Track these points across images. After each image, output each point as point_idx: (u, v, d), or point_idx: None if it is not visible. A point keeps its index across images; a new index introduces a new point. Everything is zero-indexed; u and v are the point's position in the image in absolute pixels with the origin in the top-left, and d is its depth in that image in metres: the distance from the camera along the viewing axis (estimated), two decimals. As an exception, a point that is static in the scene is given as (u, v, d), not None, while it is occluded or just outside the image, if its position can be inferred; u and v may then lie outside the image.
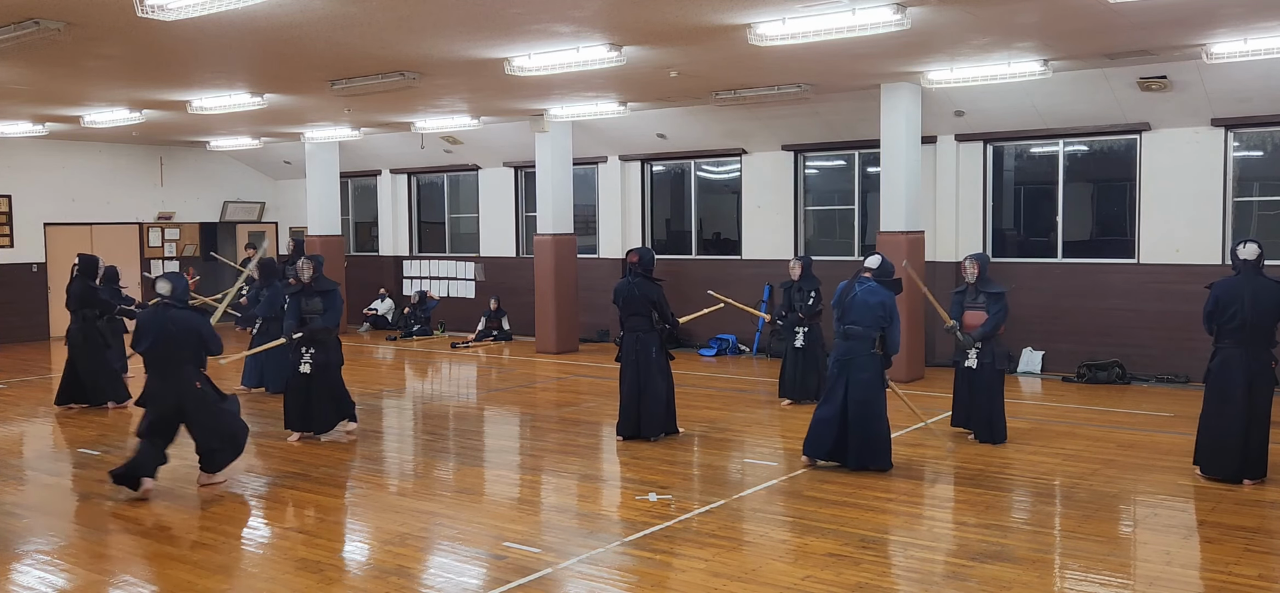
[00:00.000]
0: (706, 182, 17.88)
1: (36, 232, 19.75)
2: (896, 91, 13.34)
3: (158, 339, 8.24)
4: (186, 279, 8.63)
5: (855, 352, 8.68)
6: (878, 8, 8.54)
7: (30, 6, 8.23)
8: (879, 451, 8.75)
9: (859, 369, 8.66)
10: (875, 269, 8.83)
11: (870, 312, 8.61)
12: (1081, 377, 13.42)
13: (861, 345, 8.66)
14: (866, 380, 8.66)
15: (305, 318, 10.28)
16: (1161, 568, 6.36)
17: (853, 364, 8.68)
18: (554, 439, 10.45)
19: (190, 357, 8.34)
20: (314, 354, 10.20)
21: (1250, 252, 8.26)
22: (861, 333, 8.65)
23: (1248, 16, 9.31)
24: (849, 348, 8.71)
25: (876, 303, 8.63)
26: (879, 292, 8.69)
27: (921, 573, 6.32)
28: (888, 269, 8.90)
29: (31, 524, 7.66)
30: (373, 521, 7.68)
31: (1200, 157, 13.01)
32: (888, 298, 8.69)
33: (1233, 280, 8.30)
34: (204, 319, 8.57)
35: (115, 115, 15.58)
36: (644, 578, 6.29)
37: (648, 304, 9.96)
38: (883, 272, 8.84)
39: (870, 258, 8.98)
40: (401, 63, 11.10)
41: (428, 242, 21.63)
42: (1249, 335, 8.16)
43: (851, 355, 8.69)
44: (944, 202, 14.78)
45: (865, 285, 8.75)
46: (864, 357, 8.65)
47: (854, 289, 8.79)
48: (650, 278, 10.06)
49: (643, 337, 9.97)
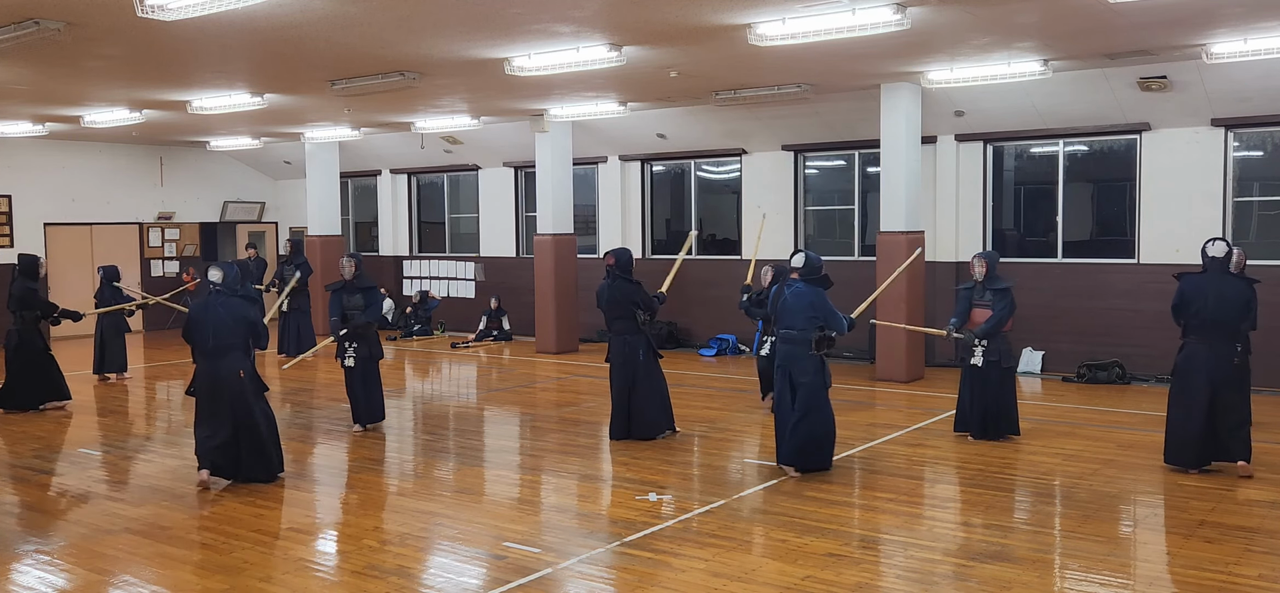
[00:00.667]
0: (706, 181, 17.88)
1: (36, 232, 19.75)
2: (896, 91, 13.35)
3: (210, 328, 8.38)
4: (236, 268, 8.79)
5: (795, 355, 8.57)
6: (878, 8, 8.54)
7: (30, 6, 8.23)
8: (824, 451, 8.69)
9: (801, 372, 8.53)
10: (801, 269, 8.69)
11: (802, 313, 8.53)
12: (1081, 377, 13.42)
13: (800, 348, 8.55)
14: (809, 383, 8.52)
15: (347, 314, 10.65)
16: (1161, 568, 6.36)
17: (794, 367, 8.57)
18: (554, 439, 10.45)
19: (240, 344, 8.48)
20: (357, 349, 10.63)
21: (1219, 250, 8.49)
22: (798, 335, 8.56)
23: (1248, 16, 9.31)
24: (789, 352, 8.61)
25: (807, 304, 8.53)
26: (808, 292, 8.58)
27: (921, 573, 6.31)
28: (814, 266, 8.72)
29: (31, 524, 7.67)
30: (373, 521, 7.68)
31: (1200, 157, 13.01)
32: (817, 296, 8.57)
33: (1200, 277, 8.52)
34: (256, 308, 8.77)
35: (115, 115, 15.58)
36: (644, 578, 6.29)
37: (630, 305, 9.98)
38: (809, 270, 8.69)
39: (794, 257, 8.83)
40: (401, 63, 11.10)
41: (428, 242, 21.64)
42: (1212, 331, 8.36)
43: (792, 359, 8.59)
44: (944, 202, 14.79)
45: (794, 287, 8.66)
46: (804, 359, 8.53)
47: (784, 293, 8.71)
48: (629, 279, 10.07)
49: (629, 339, 9.99)
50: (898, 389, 12.90)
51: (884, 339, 13.66)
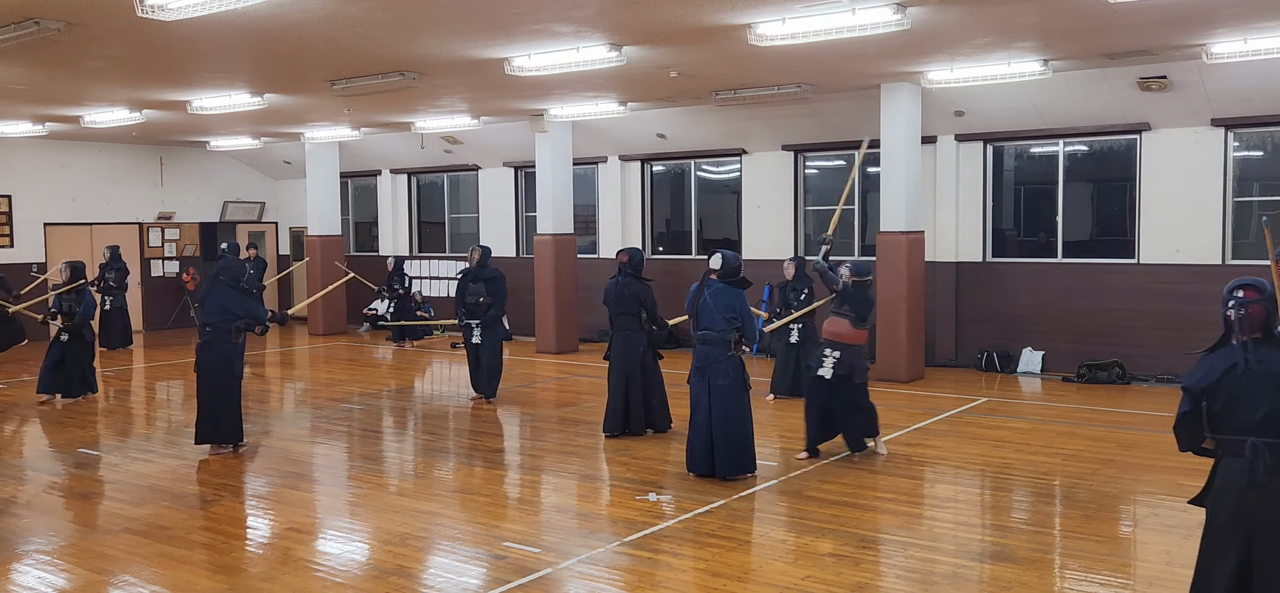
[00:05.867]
0: (706, 182, 17.88)
1: (36, 232, 19.75)
2: (896, 91, 13.34)
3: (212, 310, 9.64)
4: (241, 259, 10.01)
5: (712, 357, 8.35)
6: (878, 8, 8.54)
7: (30, 6, 8.23)
8: (745, 457, 8.45)
9: (718, 374, 8.32)
10: (720, 269, 8.44)
11: (720, 314, 8.33)
12: (1081, 377, 13.41)
13: (718, 350, 8.34)
14: (726, 386, 8.32)
15: (469, 300, 12.14)
16: (1161, 568, 6.35)
17: (711, 370, 8.34)
18: (554, 439, 10.45)
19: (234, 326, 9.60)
20: (482, 329, 12.10)
21: None
22: (716, 337, 8.35)
23: (1248, 16, 9.31)
24: (706, 353, 8.39)
25: (726, 305, 8.34)
26: (728, 293, 8.38)
27: (921, 573, 6.31)
28: (733, 267, 8.48)
29: (31, 524, 7.67)
30: (373, 521, 7.68)
31: (1200, 156, 13.00)
32: (736, 298, 8.38)
33: None
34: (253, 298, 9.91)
35: (115, 115, 15.58)
36: (644, 578, 6.29)
37: (636, 303, 10.01)
38: (728, 271, 8.46)
39: (713, 258, 8.52)
40: (401, 63, 11.10)
41: (428, 242, 21.63)
42: None
43: (708, 361, 8.37)
44: (944, 202, 14.78)
45: (713, 288, 8.43)
46: (722, 361, 8.32)
47: (703, 293, 8.49)
48: (640, 278, 10.09)
49: (631, 336, 10.04)
50: (898, 389, 12.90)
51: (884, 339, 13.65)
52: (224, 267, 9.90)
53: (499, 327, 12.35)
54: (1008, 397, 12.52)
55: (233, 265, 9.99)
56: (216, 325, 9.55)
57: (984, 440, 9.94)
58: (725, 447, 8.35)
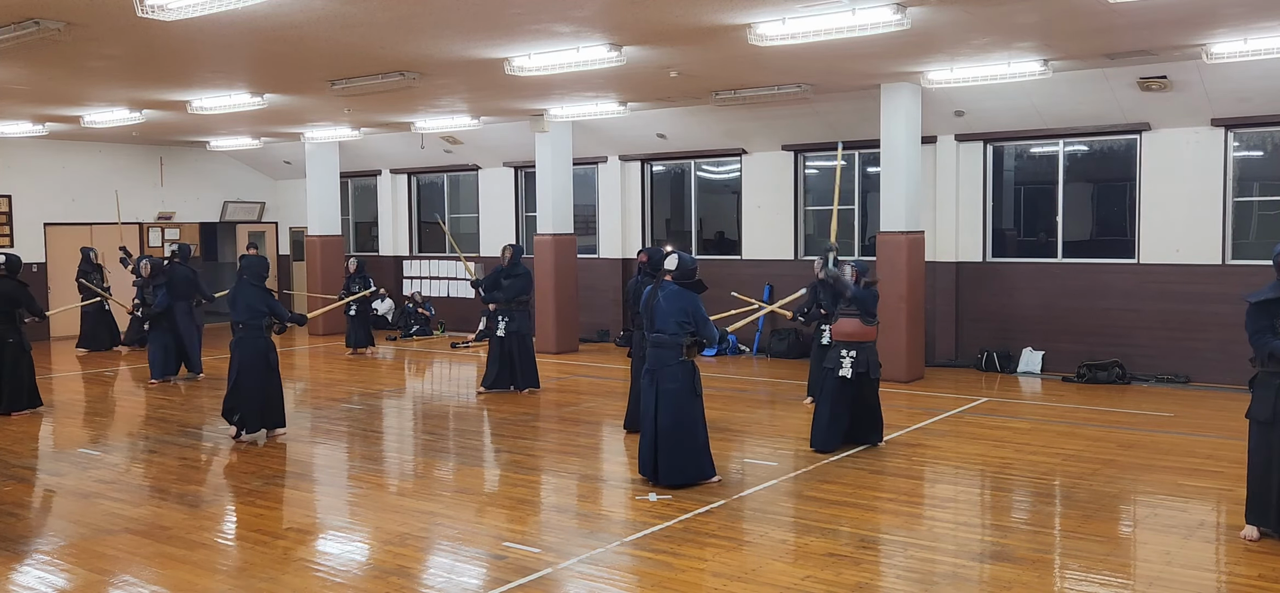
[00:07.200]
0: (706, 181, 17.88)
1: (36, 231, 19.75)
2: (896, 91, 13.35)
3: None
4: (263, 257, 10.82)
5: (664, 360, 8.16)
6: (878, 8, 8.54)
7: (30, 6, 8.23)
8: (700, 463, 8.30)
9: (668, 379, 8.14)
10: (674, 271, 8.24)
11: (674, 317, 8.13)
12: (1081, 377, 13.41)
13: (670, 353, 8.14)
14: (675, 391, 8.13)
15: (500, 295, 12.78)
16: (1161, 568, 6.35)
17: (661, 374, 8.17)
18: (554, 439, 10.45)
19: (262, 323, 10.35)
20: (508, 322, 12.75)
21: None
22: (669, 341, 8.14)
23: (1248, 16, 9.31)
24: (657, 357, 8.20)
25: (679, 308, 8.13)
26: (682, 296, 8.17)
27: (921, 573, 6.31)
28: (688, 269, 8.26)
29: (31, 524, 7.67)
30: (373, 521, 7.68)
31: (1200, 156, 13.01)
32: (690, 301, 8.17)
33: None
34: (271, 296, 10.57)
35: (115, 115, 15.58)
36: (644, 578, 6.29)
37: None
38: (683, 273, 8.24)
39: (668, 259, 8.37)
40: (401, 63, 11.10)
41: (428, 242, 21.63)
42: None
43: (660, 365, 8.18)
44: (944, 202, 14.78)
45: (667, 290, 8.23)
46: (673, 365, 8.13)
47: (658, 295, 8.33)
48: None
49: None
50: (898, 389, 12.90)
51: (885, 339, 13.62)
52: (247, 265, 10.54)
53: (527, 319, 12.99)
54: (1008, 397, 12.52)
55: (256, 264, 10.62)
56: (247, 323, 10.35)
57: (984, 441, 9.94)
58: (669, 453, 8.17)
